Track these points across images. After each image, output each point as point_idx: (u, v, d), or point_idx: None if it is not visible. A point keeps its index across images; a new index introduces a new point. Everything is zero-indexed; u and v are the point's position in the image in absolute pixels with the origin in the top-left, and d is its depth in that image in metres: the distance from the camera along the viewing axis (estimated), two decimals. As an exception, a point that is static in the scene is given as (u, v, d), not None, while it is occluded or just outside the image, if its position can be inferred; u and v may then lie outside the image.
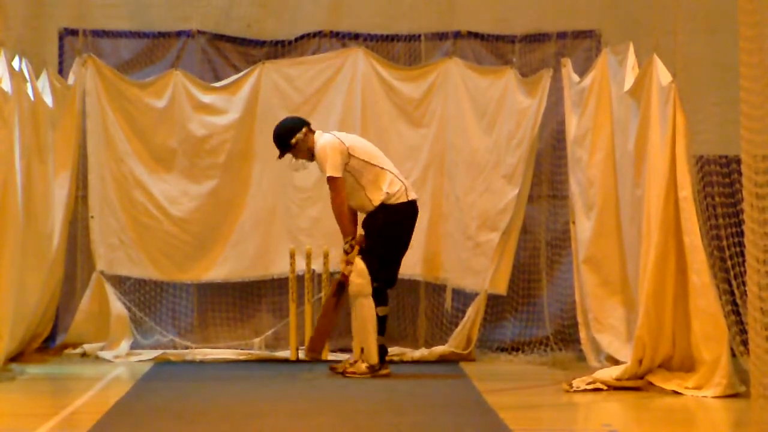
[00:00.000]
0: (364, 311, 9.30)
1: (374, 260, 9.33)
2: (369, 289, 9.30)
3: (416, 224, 9.86)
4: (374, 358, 9.33)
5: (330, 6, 11.23)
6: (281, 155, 9.58)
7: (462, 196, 10.82)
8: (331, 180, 9.36)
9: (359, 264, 9.31)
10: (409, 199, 9.47)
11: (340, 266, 9.52)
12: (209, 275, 10.97)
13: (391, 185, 9.44)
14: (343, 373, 9.41)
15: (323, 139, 9.48)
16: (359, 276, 9.30)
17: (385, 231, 9.41)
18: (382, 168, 9.48)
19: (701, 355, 8.32)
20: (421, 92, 10.98)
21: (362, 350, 9.38)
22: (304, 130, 9.53)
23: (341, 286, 9.41)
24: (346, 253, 9.38)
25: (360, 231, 9.49)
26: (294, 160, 9.59)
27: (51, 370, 9.81)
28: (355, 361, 9.44)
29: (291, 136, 9.51)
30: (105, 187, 10.89)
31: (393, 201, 9.43)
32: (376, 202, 9.40)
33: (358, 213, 9.57)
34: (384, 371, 9.39)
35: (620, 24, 10.80)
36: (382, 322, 9.38)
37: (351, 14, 11.23)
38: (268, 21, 11.24)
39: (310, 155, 9.52)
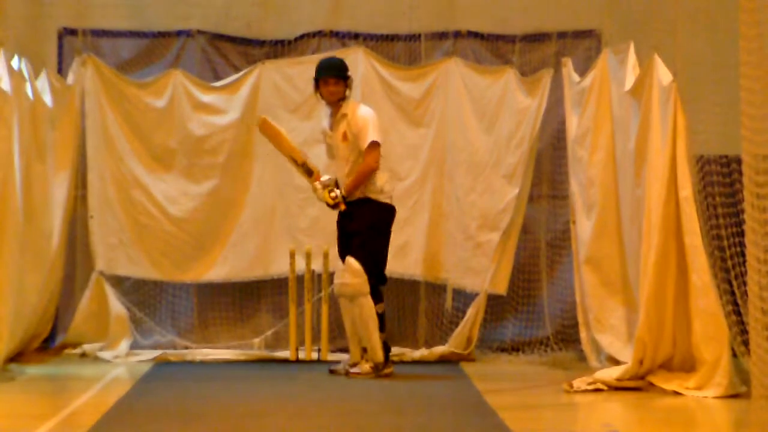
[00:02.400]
0: (365, 310, 9.28)
1: (369, 258, 9.32)
2: (367, 288, 9.27)
3: (416, 224, 9.80)
4: (379, 356, 9.31)
5: (330, 6, 11.22)
6: (341, 79, 9.45)
7: (462, 196, 10.81)
8: (374, 145, 9.34)
9: (354, 264, 9.29)
10: (393, 203, 9.51)
11: (323, 194, 9.41)
12: (209, 275, 10.96)
13: (389, 183, 9.46)
14: (347, 374, 9.39)
15: (367, 108, 9.56)
16: (355, 276, 9.28)
17: (380, 228, 9.39)
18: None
19: (702, 356, 8.32)
20: (421, 92, 10.97)
21: (364, 350, 9.37)
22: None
23: (311, 173, 9.45)
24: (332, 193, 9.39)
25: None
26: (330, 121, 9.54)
27: (51, 370, 9.80)
28: (356, 363, 9.43)
29: (348, 70, 9.57)
30: (104, 187, 10.88)
31: (388, 200, 9.43)
32: (379, 184, 9.37)
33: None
34: (387, 370, 9.37)
35: (620, 24, 10.78)
36: (381, 319, 9.37)
37: (351, 14, 11.22)
38: (268, 21, 11.23)
39: (338, 100, 9.46)
